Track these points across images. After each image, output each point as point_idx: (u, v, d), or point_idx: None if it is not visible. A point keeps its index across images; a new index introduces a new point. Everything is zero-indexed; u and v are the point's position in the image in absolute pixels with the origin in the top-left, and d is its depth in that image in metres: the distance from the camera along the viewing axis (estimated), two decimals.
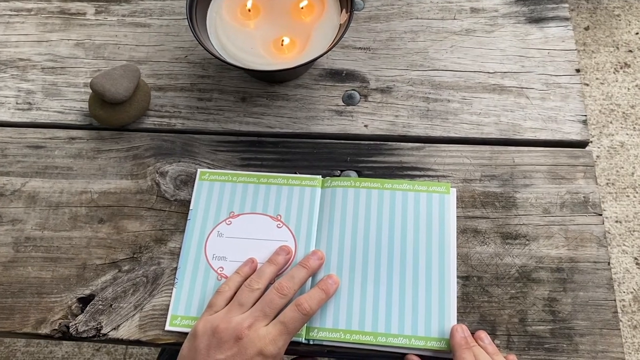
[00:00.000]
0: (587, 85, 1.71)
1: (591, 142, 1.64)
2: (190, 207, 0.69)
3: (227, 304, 0.61)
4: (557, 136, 0.73)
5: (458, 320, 0.62)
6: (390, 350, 0.61)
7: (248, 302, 0.60)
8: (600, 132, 1.66)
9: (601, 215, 0.68)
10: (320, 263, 0.64)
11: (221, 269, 0.66)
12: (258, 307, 0.59)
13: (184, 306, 0.64)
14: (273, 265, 0.64)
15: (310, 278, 0.64)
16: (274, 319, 0.58)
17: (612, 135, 1.66)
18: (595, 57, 1.76)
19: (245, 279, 0.63)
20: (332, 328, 0.62)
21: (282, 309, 0.59)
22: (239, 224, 0.68)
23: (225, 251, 0.66)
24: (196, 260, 0.66)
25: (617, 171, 1.61)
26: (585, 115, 0.74)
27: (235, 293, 0.62)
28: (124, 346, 1.44)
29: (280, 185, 0.69)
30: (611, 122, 1.67)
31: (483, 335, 0.59)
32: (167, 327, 0.63)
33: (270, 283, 0.63)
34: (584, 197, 0.69)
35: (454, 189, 0.69)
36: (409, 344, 0.61)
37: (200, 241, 0.67)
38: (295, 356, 0.63)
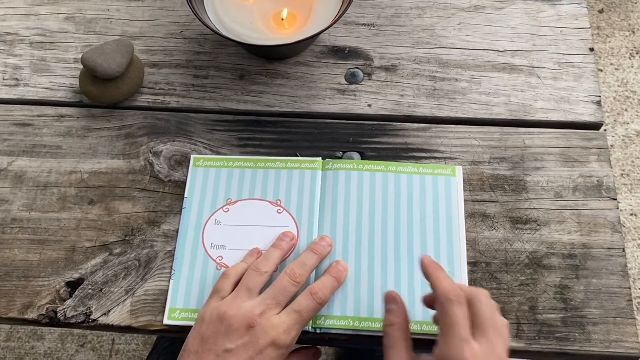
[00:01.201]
0: (602, 71, 1.71)
1: (605, 130, 1.62)
2: (185, 195, 0.68)
3: (233, 290, 0.60)
4: (570, 117, 0.72)
5: None
6: None
7: (257, 286, 0.59)
8: (615, 121, 1.65)
9: (616, 199, 0.67)
10: (330, 250, 0.64)
11: (220, 259, 0.65)
12: (270, 294, 0.57)
13: (182, 298, 0.63)
14: (278, 250, 0.63)
15: None
16: (285, 306, 0.58)
17: (628, 123, 1.65)
18: (609, 42, 1.75)
19: None
20: (341, 316, 0.61)
21: (293, 297, 0.59)
22: (237, 211, 0.67)
23: (224, 240, 0.66)
24: (194, 250, 0.66)
25: (633, 162, 1.60)
26: (599, 96, 0.74)
27: (241, 279, 0.61)
28: (110, 342, 1.43)
29: (279, 169, 0.69)
30: (626, 110, 1.67)
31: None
32: (166, 321, 0.62)
33: (274, 271, 0.62)
34: (597, 180, 0.68)
35: (460, 169, 0.69)
36: (420, 330, 0.60)
37: (197, 230, 0.67)
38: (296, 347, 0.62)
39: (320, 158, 0.69)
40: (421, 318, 0.61)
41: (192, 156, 0.70)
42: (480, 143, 0.71)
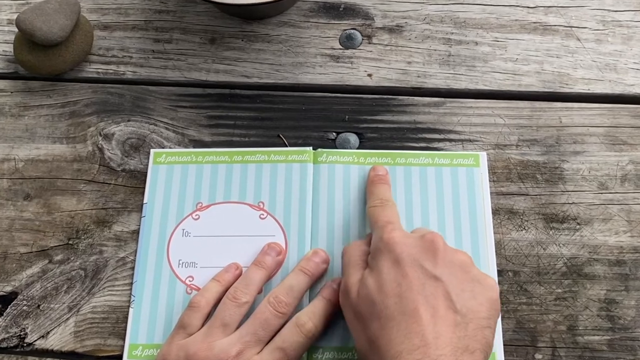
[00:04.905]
0: None
1: None
2: (145, 200, 0.65)
3: (204, 323, 0.57)
4: (617, 89, 0.69)
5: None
6: None
7: (234, 320, 0.55)
8: None
9: None
10: (325, 267, 0.60)
11: (190, 279, 0.62)
12: (249, 329, 0.54)
13: (145, 331, 0.60)
14: (261, 269, 0.59)
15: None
16: (267, 342, 0.55)
17: None
18: None
19: (227, 289, 0.59)
20: (342, 346, 0.58)
21: (278, 330, 0.56)
22: (209, 218, 0.64)
23: (195, 255, 0.63)
24: (157, 270, 0.62)
25: None
26: None
27: (213, 307, 0.58)
28: None
29: (260, 162, 0.66)
30: None
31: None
32: None
33: (258, 293, 0.59)
34: None
35: (484, 155, 0.66)
36: None
37: (160, 244, 0.63)
38: None
39: (311, 148, 0.67)
40: None
41: (152, 150, 0.67)
42: (505, 121, 0.68)
